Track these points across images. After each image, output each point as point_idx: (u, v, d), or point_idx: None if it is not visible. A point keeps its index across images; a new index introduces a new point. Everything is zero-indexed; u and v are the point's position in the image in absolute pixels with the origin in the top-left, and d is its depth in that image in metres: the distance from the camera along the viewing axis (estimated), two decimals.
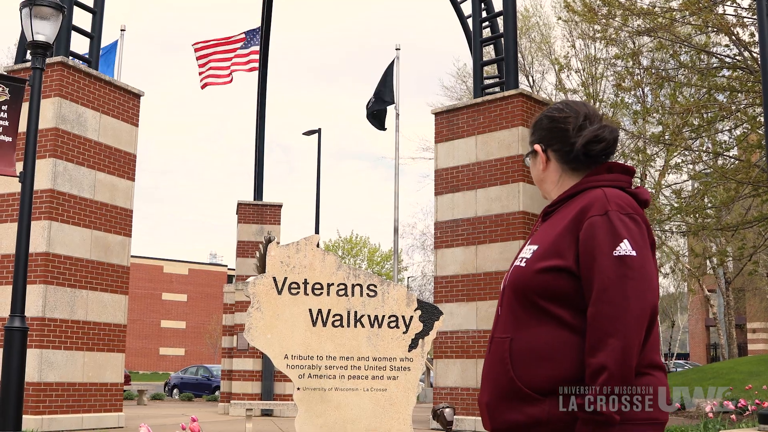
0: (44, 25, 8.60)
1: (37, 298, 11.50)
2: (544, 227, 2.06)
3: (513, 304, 2.00)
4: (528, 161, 2.22)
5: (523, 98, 13.16)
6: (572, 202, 2.03)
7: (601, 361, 1.78)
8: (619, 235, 1.87)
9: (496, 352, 1.97)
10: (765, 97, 7.98)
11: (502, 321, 2.01)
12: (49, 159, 11.76)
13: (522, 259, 2.02)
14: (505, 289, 2.06)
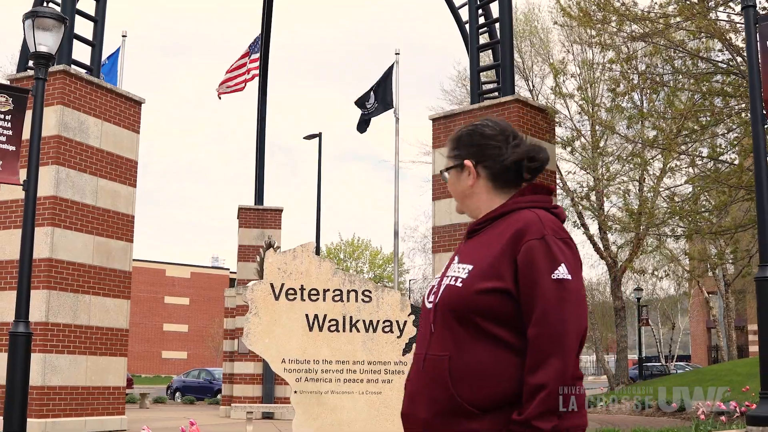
0: (47, 36, 8.78)
1: (41, 303, 11.68)
2: (473, 246, 2.08)
3: (450, 323, 2.00)
4: (446, 176, 2.21)
5: (519, 104, 13.32)
6: (502, 222, 2.06)
7: (542, 379, 1.85)
8: (557, 260, 1.94)
9: (433, 370, 1.98)
10: (752, 106, 8.14)
11: (438, 339, 2.01)
12: (51, 166, 11.94)
13: (455, 278, 2.03)
14: (437, 307, 2.05)
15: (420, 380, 2.02)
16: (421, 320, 2.14)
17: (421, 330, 2.11)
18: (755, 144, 8.07)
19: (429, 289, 2.16)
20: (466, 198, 2.18)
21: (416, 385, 2.03)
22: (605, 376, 30.31)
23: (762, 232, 7.82)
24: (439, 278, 2.12)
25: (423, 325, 2.11)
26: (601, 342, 35.07)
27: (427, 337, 2.05)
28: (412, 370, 2.10)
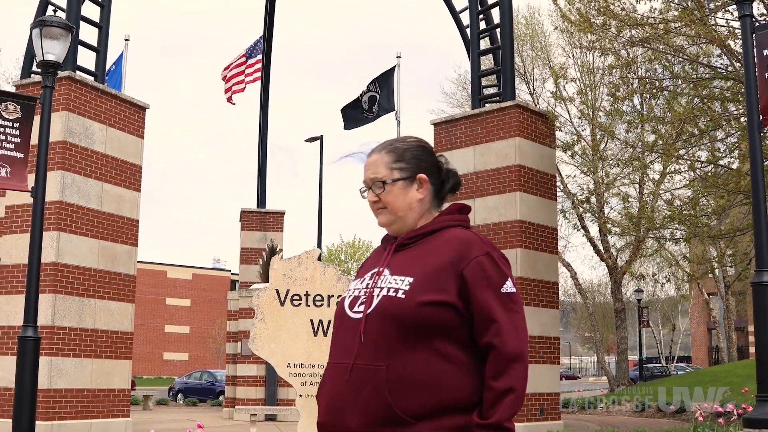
0: (54, 45, 8.93)
1: (47, 307, 11.81)
2: (405, 259, 2.13)
3: (388, 333, 2.02)
4: (390, 184, 2.19)
5: (520, 109, 13.45)
6: (434, 239, 2.14)
7: (508, 383, 1.96)
8: (504, 274, 2.07)
9: (367, 379, 2.00)
10: (749, 114, 8.27)
11: (369, 348, 2.03)
12: (57, 171, 12.08)
13: (393, 289, 2.06)
14: (370, 317, 2.06)
15: (349, 390, 2.02)
16: (341, 330, 2.14)
17: (342, 339, 2.11)
18: (752, 151, 8.20)
19: (351, 299, 2.15)
20: (408, 211, 2.19)
21: (344, 395, 2.03)
22: (606, 377, 30.40)
23: (758, 238, 7.95)
24: (364, 289, 2.13)
25: (345, 334, 2.11)
26: (601, 343, 35.18)
27: (353, 346, 2.06)
28: (331, 379, 2.10)
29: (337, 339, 2.15)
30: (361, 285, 2.17)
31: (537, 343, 13.05)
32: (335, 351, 2.14)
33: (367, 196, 2.24)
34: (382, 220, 2.22)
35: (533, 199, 13.36)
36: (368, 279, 2.16)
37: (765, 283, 7.83)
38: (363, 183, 2.25)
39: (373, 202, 2.22)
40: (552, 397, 13.23)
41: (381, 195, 2.20)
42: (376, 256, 2.26)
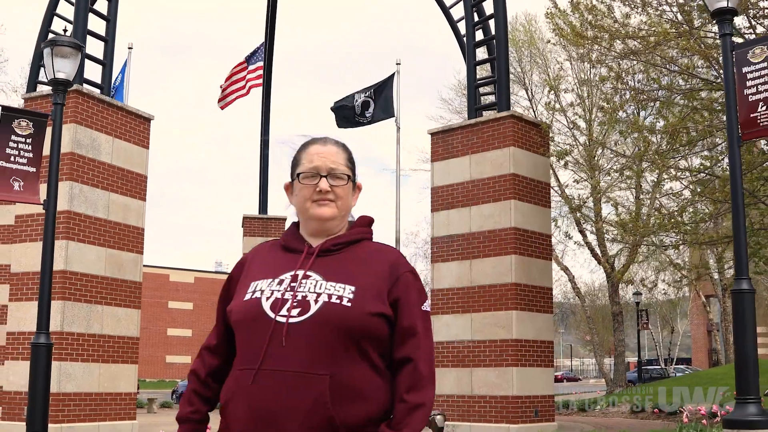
0: (65, 63, 9.33)
1: (56, 314, 12.18)
2: (336, 265, 2.09)
3: (328, 341, 1.97)
4: (347, 182, 2.17)
5: (515, 119, 13.83)
6: (356, 248, 2.13)
7: (422, 399, 1.99)
8: (424, 292, 2.14)
9: (307, 388, 1.94)
10: (729, 129, 8.64)
11: (307, 355, 1.96)
12: (65, 182, 12.47)
13: (336, 296, 2.01)
14: (307, 324, 1.98)
15: (283, 400, 1.94)
16: (261, 333, 2.00)
17: (263, 344, 1.99)
18: (731, 164, 8.57)
19: (271, 301, 2.04)
20: (346, 214, 2.19)
21: (276, 404, 1.95)
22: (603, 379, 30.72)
23: (737, 248, 8.31)
24: (288, 292, 2.04)
25: (270, 339, 1.98)
26: (601, 346, 35.51)
27: (285, 353, 1.97)
28: (255, 386, 1.98)
29: (258, 343, 2.00)
30: (278, 286, 2.06)
31: (531, 347, 13.42)
32: (254, 356, 1.99)
33: (321, 184, 2.12)
34: (327, 212, 2.13)
35: (527, 206, 13.74)
36: (288, 281, 2.06)
37: (744, 291, 8.18)
38: (314, 168, 2.13)
39: (325, 191, 2.12)
40: (546, 399, 13.60)
41: (336, 188, 2.13)
42: (278, 256, 2.16)
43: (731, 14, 8.78)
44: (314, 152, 2.15)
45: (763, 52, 8.58)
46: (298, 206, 2.18)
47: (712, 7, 8.82)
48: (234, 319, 2.09)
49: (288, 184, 2.24)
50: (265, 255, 2.20)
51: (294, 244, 2.16)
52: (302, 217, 2.18)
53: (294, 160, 2.21)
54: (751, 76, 8.58)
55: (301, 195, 2.14)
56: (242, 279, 2.16)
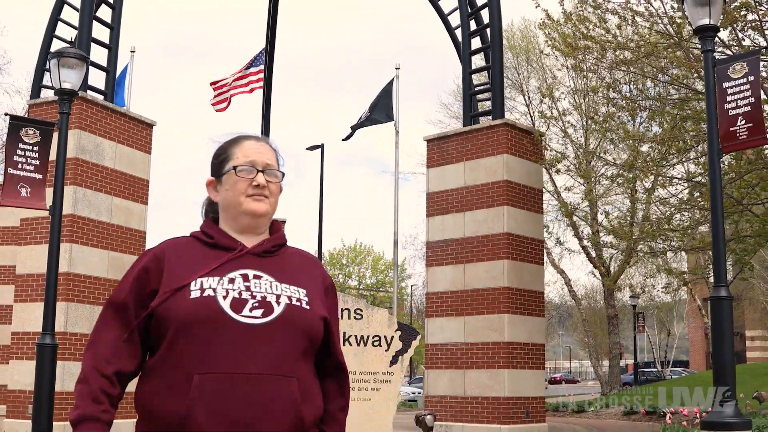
0: (70, 74, 9.67)
1: (60, 315, 12.51)
2: (281, 267, 2.07)
3: (294, 344, 1.95)
4: (280, 180, 2.13)
5: (508, 127, 14.17)
6: (286, 251, 2.13)
7: (348, 401, 2.16)
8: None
9: (279, 392, 1.90)
10: (710, 142, 8.98)
11: (274, 358, 1.91)
12: (70, 186, 12.80)
13: (295, 298, 2.00)
14: (274, 325, 1.94)
15: (255, 403, 1.88)
16: (222, 334, 1.90)
17: (228, 346, 1.90)
18: (711, 175, 8.91)
19: (230, 301, 1.95)
20: (271, 216, 2.14)
21: (249, 408, 1.88)
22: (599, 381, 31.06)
23: (716, 257, 8.65)
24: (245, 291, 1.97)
25: (234, 341, 1.90)
26: (600, 348, 35.85)
27: (252, 355, 1.89)
28: (225, 390, 1.88)
29: (219, 345, 1.89)
30: (230, 285, 1.97)
31: (523, 350, 13.76)
32: (217, 359, 1.88)
33: (258, 178, 2.06)
34: (263, 208, 2.07)
35: (520, 212, 14.08)
36: (240, 280, 1.98)
37: (722, 298, 8.51)
38: (251, 162, 2.07)
39: (263, 186, 2.06)
40: (537, 400, 13.94)
41: (271, 184, 2.09)
42: (207, 254, 2.04)
43: (713, 31, 9.11)
44: (249, 147, 2.10)
45: (743, 68, 8.92)
46: (229, 201, 2.07)
47: (695, 24, 9.14)
48: (180, 319, 1.91)
49: (212, 179, 2.14)
50: (187, 251, 2.05)
51: (225, 241, 2.05)
52: (231, 212, 2.08)
53: (222, 155, 2.12)
54: (731, 91, 8.91)
55: (236, 189, 2.06)
56: (166, 274, 1.99)
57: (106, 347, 1.98)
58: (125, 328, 1.99)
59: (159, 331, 1.96)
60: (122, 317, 2.00)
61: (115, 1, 14.46)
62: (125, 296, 2.01)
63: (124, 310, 2.00)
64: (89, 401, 1.93)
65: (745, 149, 10.33)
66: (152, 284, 2.00)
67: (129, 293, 2.01)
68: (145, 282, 2.01)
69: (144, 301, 1.99)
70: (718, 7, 9.15)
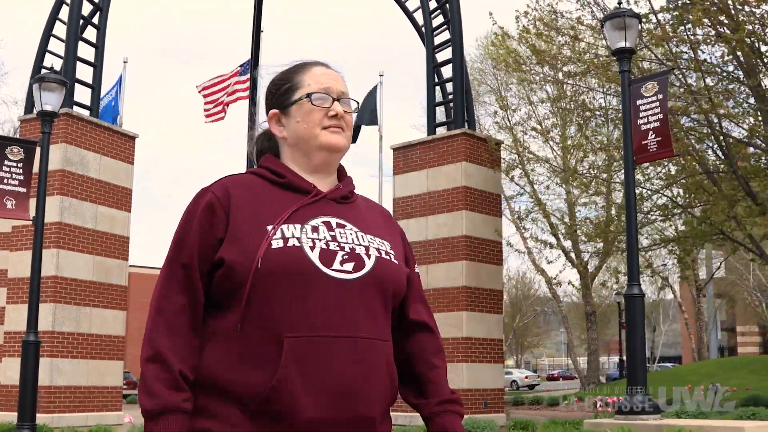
0: (51, 96, 10.69)
1: (48, 315, 13.55)
2: (361, 216, 1.79)
3: (384, 303, 1.70)
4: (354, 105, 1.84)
5: (466, 136, 15.14)
6: (357, 199, 1.85)
7: (445, 360, 1.84)
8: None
9: (379, 359, 1.65)
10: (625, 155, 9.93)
11: (370, 319, 1.65)
12: (57, 196, 13.82)
13: (384, 251, 1.72)
14: (367, 281, 1.66)
15: (362, 372, 1.62)
16: (309, 291, 1.61)
17: (311, 304, 1.61)
18: (626, 185, 9.87)
19: (318, 251, 1.65)
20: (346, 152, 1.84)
21: (357, 378, 1.60)
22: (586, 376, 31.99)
23: (630, 258, 9.61)
24: (330, 241, 1.67)
25: (328, 298, 1.62)
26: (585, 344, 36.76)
27: (350, 315, 1.62)
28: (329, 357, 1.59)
29: (311, 303, 1.60)
30: (315, 234, 1.66)
31: (481, 345, 14.72)
32: (313, 320, 1.59)
33: (336, 107, 1.77)
34: (342, 141, 1.77)
35: (478, 216, 15.04)
36: (323, 229, 1.69)
37: (635, 295, 9.46)
38: (326, 89, 1.78)
39: (340, 116, 1.77)
40: (495, 392, 14.90)
41: (347, 115, 1.80)
42: (282, 195, 1.73)
43: (629, 53, 10.08)
44: (321, 73, 1.81)
45: (654, 87, 9.89)
46: (301, 134, 1.76)
47: (613, 46, 10.13)
48: (262, 273, 1.59)
49: (276, 112, 1.81)
50: (253, 192, 1.72)
51: (299, 182, 1.75)
52: (303, 147, 1.77)
53: (287, 83, 1.81)
54: (643, 108, 9.89)
55: (310, 120, 1.75)
56: (234, 219, 1.66)
57: (180, 318, 1.62)
58: (197, 292, 1.64)
59: (229, 286, 1.63)
60: (191, 277, 1.65)
61: (100, 23, 15.47)
62: (191, 251, 1.65)
63: (192, 268, 1.65)
64: (170, 388, 1.58)
65: (654, 161, 11.29)
66: (218, 231, 1.66)
67: (195, 246, 1.65)
68: (210, 229, 1.66)
69: (209, 252, 1.65)
70: (634, 30, 10.13)
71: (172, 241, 1.70)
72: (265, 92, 1.87)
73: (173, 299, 1.64)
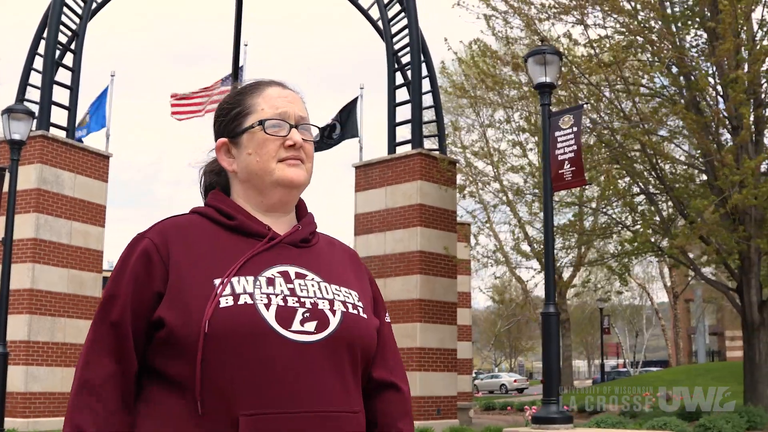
0: (19, 126, 11.55)
1: (24, 325, 14.42)
2: (323, 261, 1.56)
3: (354, 366, 1.49)
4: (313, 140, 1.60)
5: (422, 157, 15.98)
6: (318, 240, 1.61)
7: (413, 429, 1.65)
8: None
9: (354, 429, 1.46)
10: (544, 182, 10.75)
11: (339, 387, 1.44)
12: (32, 213, 14.69)
13: (350, 304, 1.51)
14: (330, 342, 1.43)
15: None
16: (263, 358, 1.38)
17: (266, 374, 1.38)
18: (545, 210, 10.68)
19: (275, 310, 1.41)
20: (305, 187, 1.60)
21: None
22: None
23: (547, 278, 10.41)
24: (289, 297, 1.44)
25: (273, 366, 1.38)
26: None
27: (300, 386, 1.39)
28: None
29: (267, 373, 1.38)
30: (270, 289, 1.44)
31: (435, 354, 15.55)
32: (272, 393, 1.37)
33: (294, 136, 1.53)
34: (301, 175, 1.54)
35: (433, 232, 15.87)
36: (280, 281, 1.46)
37: (550, 314, 10.26)
38: (282, 115, 1.54)
39: (299, 146, 1.54)
40: (449, 399, 15.72)
41: (307, 143, 1.56)
42: (231, 241, 1.50)
43: (550, 88, 10.89)
44: (276, 95, 1.57)
45: (570, 120, 10.71)
46: (253, 168, 1.53)
47: (535, 81, 10.93)
48: (209, 338, 1.36)
49: (224, 141, 1.58)
50: (197, 237, 1.49)
51: (251, 225, 1.52)
52: (256, 183, 1.55)
53: (237, 107, 1.57)
54: (561, 139, 10.70)
55: (263, 151, 1.52)
56: (174, 270, 1.43)
57: (107, 389, 1.40)
58: (129, 358, 1.42)
59: (169, 352, 1.40)
60: (121, 339, 1.42)
61: (76, 48, 16.34)
62: (123, 307, 1.43)
63: (123, 328, 1.42)
64: None
65: (570, 188, 12.11)
66: (156, 284, 1.43)
67: (127, 301, 1.43)
68: (146, 281, 1.44)
69: (145, 309, 1.43)
70: (555, 66, 10.92)
71: (102, 296, 1.47)
72: (214, 116, 1.61)
73: (99, 367, 1.40)
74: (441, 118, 17.92)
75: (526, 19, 14.15)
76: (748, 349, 14.46)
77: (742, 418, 12.23)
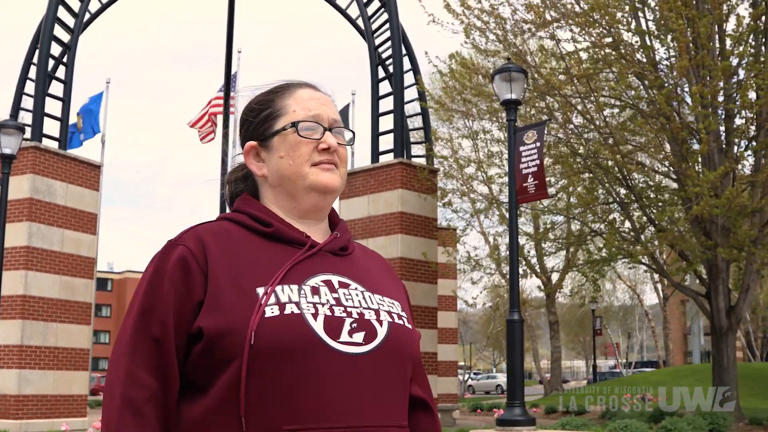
0: (10, 140, 12.08)
1: (17, 330, 14.95)
2: (365, 271, 1.50)
3: (403, 378, 1.42)
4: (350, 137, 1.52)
5: (403, 166, 16.48)
6: (354, 247, 1.55)
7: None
8: None
9: None
10: (510, 194, 11.24)
11: (387, 400, 1.37)
12: (25, 222, 15.22)
13: (395, 314, 1.44)
14: (378, 354, 1.37)
15: None
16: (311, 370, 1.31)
17: (315, 387, 1.31)
18: (510, 222, 11.17)
19: (323, 321, 1.34)
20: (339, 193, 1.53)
21: None
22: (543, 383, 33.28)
23: (512, 288, 10.91)
24: (336, 306, 1.37)
25: (322, 379, 1.32)
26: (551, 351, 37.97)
27: (349, 401, 1.32)
28: None
29: (316, 386, 1.31)
30: (316, 298, 1.37)
31: None
32: (320, 407, 1.31)
33: (328, 139, 1.46)
34: (336, 180, 1.47)
35: (413, 239, 16.37)
36: (325, 290, 1.39)
37: (515, 321, 10.75)
38: (314, 117, 1.47)
39: (333, 149, 1.46)
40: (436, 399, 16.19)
41: (341, 148, 1.49)
42: (270, 249, 1.43)
43: (516, 104, 11.38)
44: (308, 96, 1.50)
45: (533, 135, 11.20)
46: (285, 172, 1.46)
47: (501, 97, 11.42)
48: (255, 349, 1.29)
49: (254, 144, 1.51)
50: (239, 244, 1.42)
51: (290, 232, 1.45)
52: (289, 188, 1.47)
53: (267, 108, 1.51)
54: (525, 154, 11.19)
55: (296, 155, 1.45)
56: (214, 279, 1.36)
57: (150, 408, 1.32)
58: (172, 375, 1.34)
59: (212, 363, 1.32)
60: (164, 356, 1.34)
61: (68, 60, 16.86)
62: (164, 321, 1.34)
63: (166, 344, 1.34)
64: None
65: (534, 201, 12.60)
66: (197, 294, 1.35)
67: (169, 315, 1.34)
68: (186, 292, 1.35)
69: (185, 322, 1.35)
70: (520, 83, 11.41)
71: (134, 308, 1.35)
72: (240, 119, 1.54)
73: (142, 385, 1.31)
74: (428, 125, 18.44)
75: (501, 33, 14.65)
76: (716, 353, 14.94)
77: (705, 420, 12.69)
